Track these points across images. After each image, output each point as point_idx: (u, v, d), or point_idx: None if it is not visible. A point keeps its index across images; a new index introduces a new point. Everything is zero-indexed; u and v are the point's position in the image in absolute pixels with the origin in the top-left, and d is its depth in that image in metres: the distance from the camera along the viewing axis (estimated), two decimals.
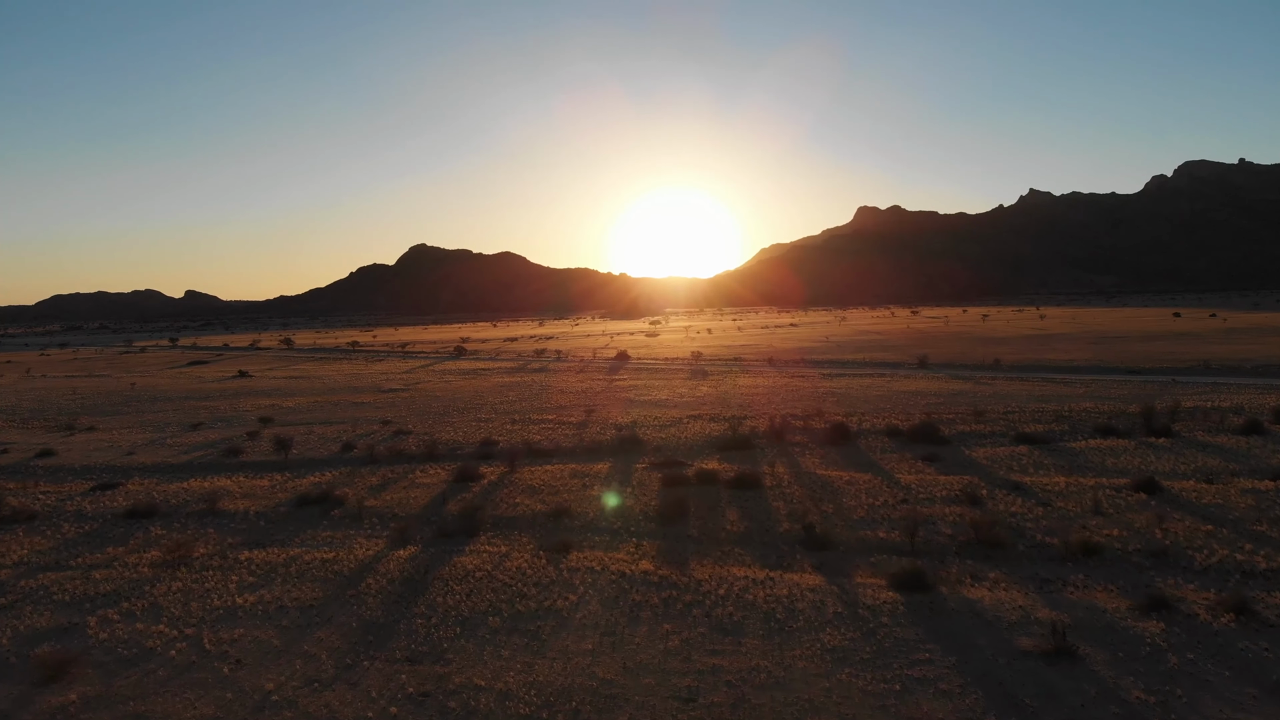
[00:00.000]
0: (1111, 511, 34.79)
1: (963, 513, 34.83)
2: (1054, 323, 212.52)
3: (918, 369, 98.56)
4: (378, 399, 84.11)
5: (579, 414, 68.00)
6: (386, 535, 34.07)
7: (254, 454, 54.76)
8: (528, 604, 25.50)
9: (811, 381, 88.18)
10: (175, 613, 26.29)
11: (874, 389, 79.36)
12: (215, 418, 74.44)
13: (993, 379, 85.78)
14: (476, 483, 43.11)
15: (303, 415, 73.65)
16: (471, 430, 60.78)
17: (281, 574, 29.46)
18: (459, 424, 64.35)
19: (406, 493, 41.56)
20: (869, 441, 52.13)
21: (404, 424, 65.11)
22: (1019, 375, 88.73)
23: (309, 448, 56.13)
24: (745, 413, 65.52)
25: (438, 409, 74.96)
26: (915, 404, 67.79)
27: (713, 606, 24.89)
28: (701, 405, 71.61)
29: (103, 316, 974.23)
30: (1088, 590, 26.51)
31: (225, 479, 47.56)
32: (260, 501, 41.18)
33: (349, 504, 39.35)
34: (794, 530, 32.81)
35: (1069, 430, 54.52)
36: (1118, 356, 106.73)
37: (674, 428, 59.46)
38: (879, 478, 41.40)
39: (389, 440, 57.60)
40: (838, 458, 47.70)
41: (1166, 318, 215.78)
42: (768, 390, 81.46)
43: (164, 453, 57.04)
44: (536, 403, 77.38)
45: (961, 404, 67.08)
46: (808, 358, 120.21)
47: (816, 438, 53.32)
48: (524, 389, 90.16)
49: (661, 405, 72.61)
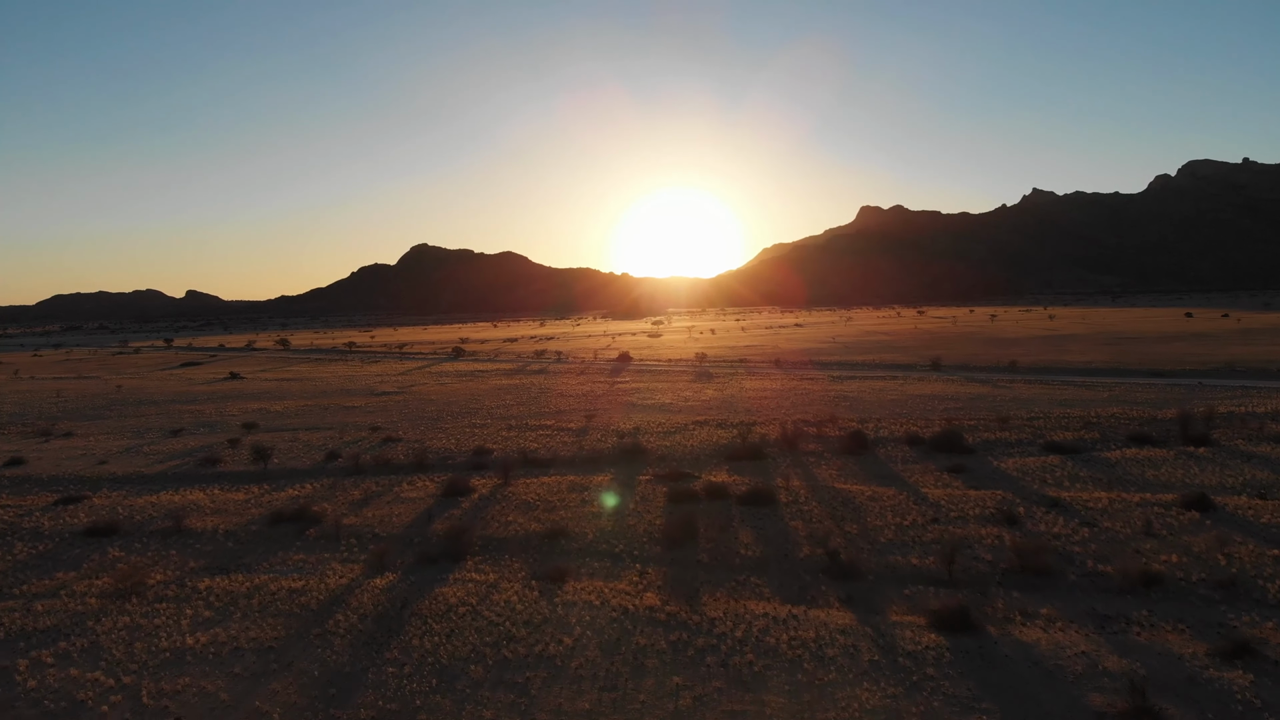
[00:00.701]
0: (1165, 533, 31.48)
1: (1001, 534, 31.54)
2: (1064, 323, 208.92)
3: (931, 371, 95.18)
4: (370, 403, 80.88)
5: (579, 419, 64.74)
6: (364, 559, 30.82)
7: (233, 463, 51.53)
8: (516, 649, 22.20)
9: (821, 384, 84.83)
10: (116, 655, 23.05)
11: (887, 392, 76.03)
12: (199, 423, 71.24)
13: (1010, 382, 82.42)
14: (466, 497, 39.85)
15: (290, 420, 70.44)
16: (464, 437, 57.52)
17: (242, 607, 26.20)
18: (452, 430, 61.09)
19: (390, 509, 38.29)
20: (888, 450, 48.82)
21: (394, 430, 61.86)
22: (1037, 378, 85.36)
23: (291, 456, 52.89)
24: (754, 418, 62.21)
25: (431, 414, 71.72)
26: (933, 409, 64.46)
27: (729, 653, 21.57)
28: (707, 410, 68.33)
29: (103, 317, 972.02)
30: (1155, 630, 23.21)
31: (199, 491, 44.34)
32: (231, 518, 37.93)
33: (326, 522, 36.10)
34: (816, 555, 29.50)
35: (1100, 439, 51.18)
36: (1137, 358, 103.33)
37: (679, 434, 56.19)
38: (904, 492, 38.08)
39: (377, 448, 54.34)
40: (856, 469, 44.40)
41: (1178, 318, 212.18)
42: (776, 394, 78.13)
43: (138, 461, 53.82)
44: (535, 407, 74.13)
45: (982, 409, 63.76)
46: (815, 359, 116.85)
47: (832, 446, 50.01)
48: (522, 392, 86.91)
49: (665, 410, 69.34)
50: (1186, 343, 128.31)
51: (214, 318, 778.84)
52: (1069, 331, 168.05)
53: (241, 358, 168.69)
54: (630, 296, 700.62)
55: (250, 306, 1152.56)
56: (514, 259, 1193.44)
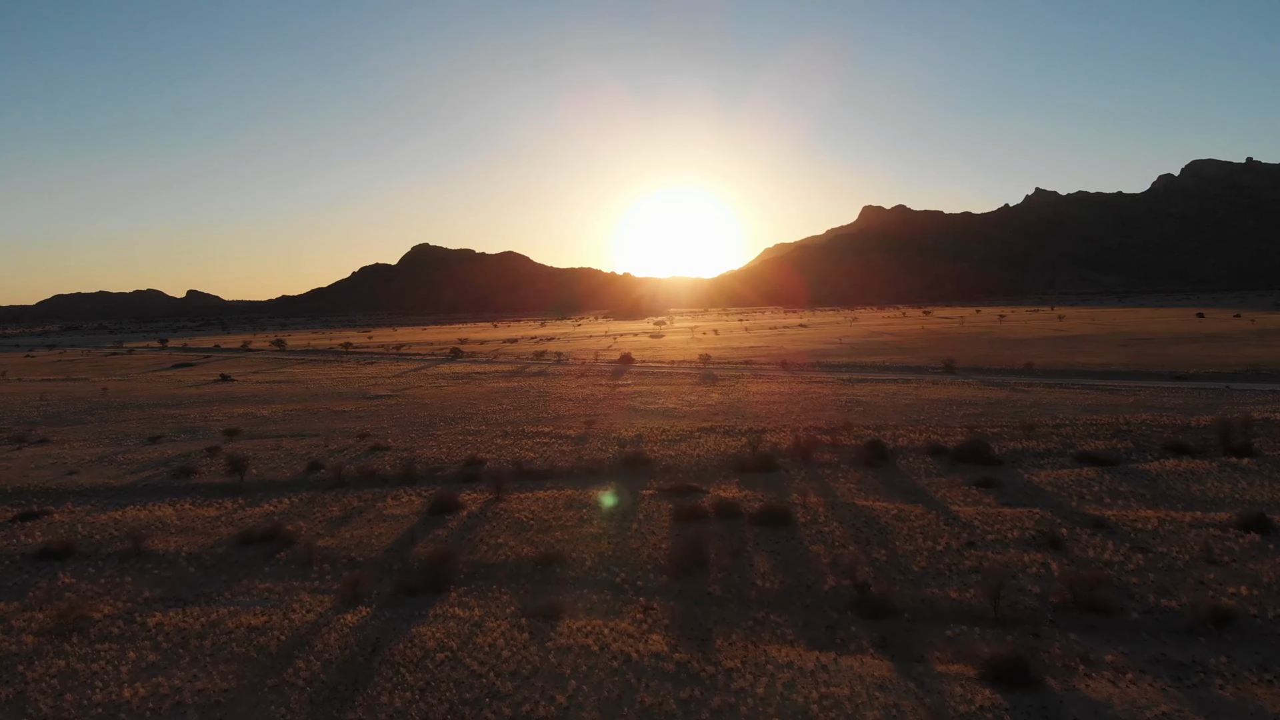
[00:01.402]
0: (1227, 560, 28.27)
1: (1046, 561, 28.34)
2: (1074, 323, 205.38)
3: (944, 374, 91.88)
4: (361, 407, 77.69)
5: (578, 426, 61.55)
6: (336, 589, 27.64)
7: (208, 474, 48.34)
8: (501, 709, 19.01)
9: (831, 388, 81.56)
10: (43, 710, 19.94)
11: (901, 397, 72.77)
12: (180, 428, 68.09)
13: (1029, 385, 79.13)
14: (454, 515, 36.66)
15: (276, 426, 67.28)
16: (457, 446, 54.32)
17: (193, 649, 23.05)
18: (444, 438, 57.91)
19: (370, 528, 35.11)
20: (910, 461, 45.60)
21: (383, 437, 58.69)
22: (1056, 381, 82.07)
23: (271, 467, 49.70)
24: (763, 425, 59.00)
25: (424, 419, 68.54)
26: (952, 415, 61.22)
27: (751, 715, 18.39)
28: (714, 415, 65.12)
29: (104, 317, 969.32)
30: (1239, 682, 20.02)
31: (168, 506, 41.20)
32: (198, 539, 34.77)
33: (299, 544, 32.92)
34: (842, 588, 26.31)
35: (1135, 448, 47.94)
36: (1155, 360, 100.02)
37: (684, 443, 52.99)
38: (932, 511, 34.86)
39: (363, 458, 51.14)
40: (877, 482, 41.20)
41: (1189, 319, 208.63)
42: (785, 398, 74.89)
43: (110, 472, 50.66)
44: (532, 412, 70.94)
45: (1003, 415, 60.53)
46: (823, 361, 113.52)
47: (848, 457, 46.79)
48: (520, 396, 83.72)
49: (669, 415, 66.15)
50: (1202, 344, 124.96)
51: (214, 318, 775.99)
52: (1079, 332, 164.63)
53: (235, 359, 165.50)
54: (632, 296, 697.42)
55: (251, 306, 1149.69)
56: (515, 259, 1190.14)
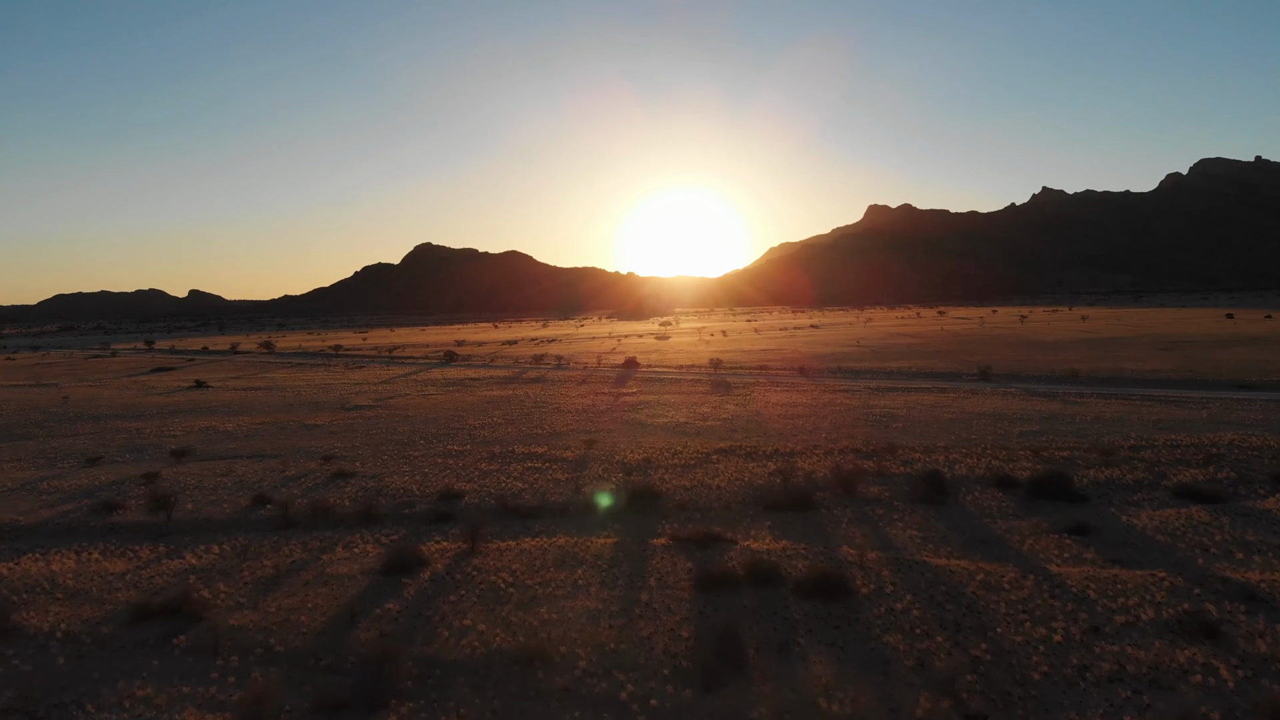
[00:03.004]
0: None
1: (1210, 663, 20.48)
2: (1100, 324, 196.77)
3: (981, 382, 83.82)
4: (336, 420, 69.91)
5: (577, 445, 53.75)
6: (237, 700, 19.88)
7: (136, 510, 40.58)
8: None
9: (859, 398, 73.58)
10: None
11: (942, 409, 64.81)
12: (129, 446, 60.42)
13: (1080, 396, 71.12)
14: (414, 576, 28.84)
15: (235, 444, 59.57)
16: (433, 472, 46.49)
17: None
18: (421, 460, 50.09)
19: (304, 596, 27.30)
20: (976, 497, 37.72)
21: (351, 460, 50.92)
22: (1109, 391, 74.05)
23: (212, 500, 41.94)
24: (790, 445, 51.10)
25: (403, 435, 60.79)
26: (1006, 433, 53.28)
27: None
28: (732, 432, 57.25)
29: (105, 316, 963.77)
30: None
31: (71, 556, 33.49)
32: (86, 609, 27.01)
33: (207, 621, 25.17)
34: (942, 713, 18.44)
35: (1238, 479, 40.09)
36: (1205, 366, 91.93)
37: (701, 469, 45.14)
38: (1028, 574, 26.94)
39: (320, 489, 43.37)
40: (943, 527, 33.33)
41: (1218, 319, 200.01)
42: (809, 410, 66.97)
43: (25, 505, 42.95)
44: (526, 426, 63.16)
45: (1065, 433, 52.59)
46: (843, 366, 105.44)
47: (900, 490, 38.91)
48: (514, 406, 75.93)
49: (681, 432, 58.31)
50: (1246, 347, 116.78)
51: (214, 318, 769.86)
52: (1110, 334, 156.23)
53: (218, 363, 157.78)
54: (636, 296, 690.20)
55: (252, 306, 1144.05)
56: (518, 258, 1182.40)
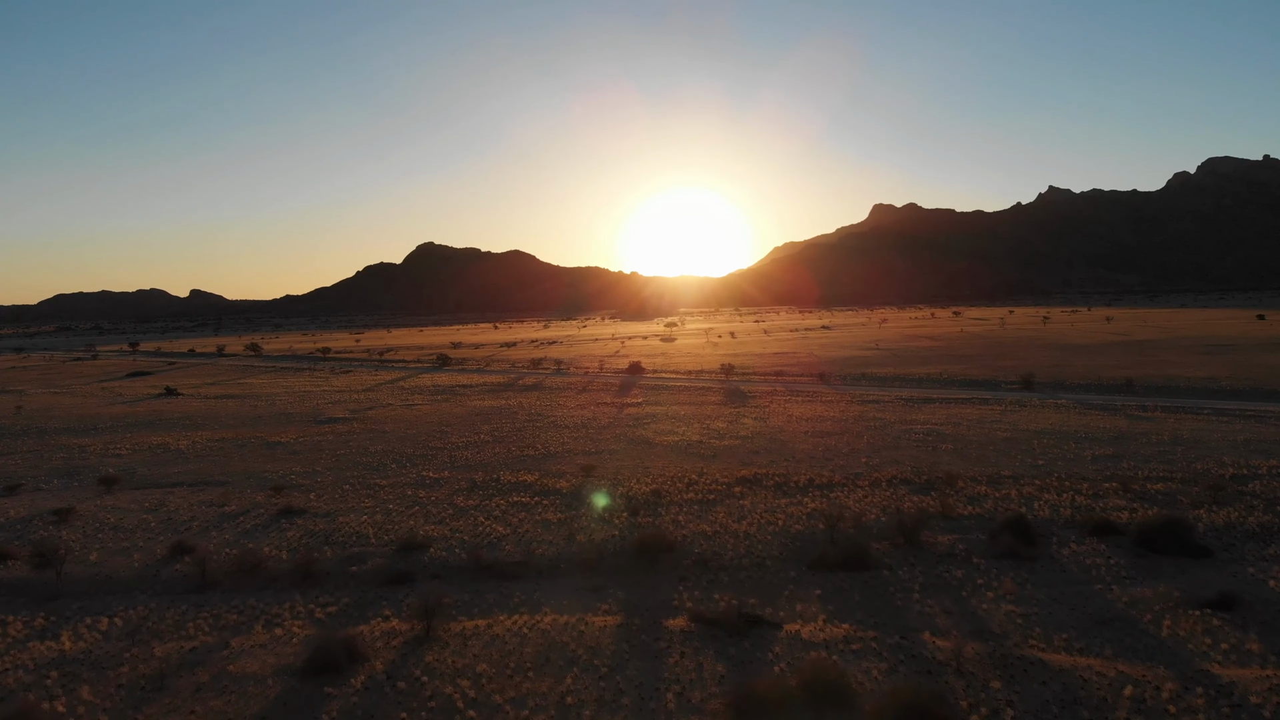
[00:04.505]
0: None
1: None
2: (1126, 326, 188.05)
3: (1025, 391, 75.60)
4: (304, 436, 61.94)
5: (572, 471, 45.79)
6: None
7: (26, 561, 32.61)
8: None
9: (893, 410, 65.49)
10: None
11: (992, 426, 56.71)
12: (61, 469, 52.48)
13: (1143, 409, 63.01)
14: (344, 681, 20.83)
15: (181, 467, 51.63)
16: (398, 510, 38.49)
17: None
18: (387, 493, 42.09)
19: (189, 714, 19.31)
20: (1075, 551, 29.65)
21: (305, 491, 42.94)
22: (1173, 403, 65.91)
23: (124, 547, 33.98)
24: (826, 471, 43.02)
25: (374, 456, 52.84)
26: (1078, 458, 45.15)
27: None
28: (753, 455, 49.22)
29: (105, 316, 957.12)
30: None
31: None
32: None
33: None
34: None
35: None
36: (1261, 373, 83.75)
37: (722, 507, 37.13)
38: (1185, 682, 18.82)
39: (258, 532, 35.42)
40: (1044, 597, 25.32)
41: (1249, 321, 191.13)
42: (839, 426, 58.90)
43: None
44: (516, 445, 55.21)
45: (1145, 457, 44.49)
46: (865, 372, 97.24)
47: (975, 540, 30.84)
48: (505, 420, 67.99)
49: (694, 453, 50.32)
50: None
51: (214, 318, 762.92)
52: (1141, 336, 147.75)
53: (199, 367, 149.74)
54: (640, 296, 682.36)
55: (253, 306, 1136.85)
56: (521, 258, 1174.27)
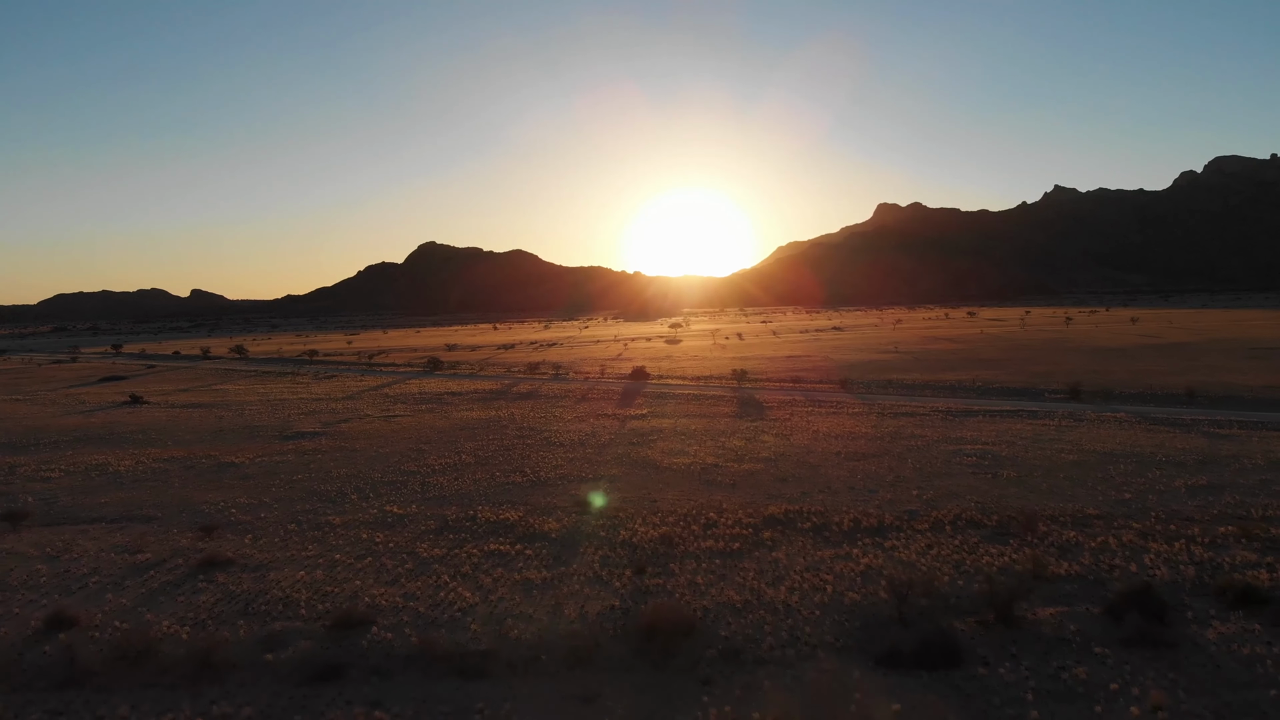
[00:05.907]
0: None
1: None
2: (1154, 327, 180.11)
3: (1073, 403, 67.95)
4: (262, 457, 54.54)
5: (565, 506, 38.39)
6: None
7: None
8: None
9: (933, 426, 57.95)
10: None
11: (1050, 446, 49.15)
12: None
13: (1215, 425, 55.48)
14: None
15: (110, 496, 44.23)
16: (345, 562, 31.04)
17: None
18: (338, 536, 34.65)
19: None
20: (1219, 634, 22.22)
21: (242, 533, 35.52)
22: (1246, 417, 58.35)
23: None
24: (871, 508, 35.52)
25: (333, 484, 45.42)
26: (1169, 490, 37.61)
27: None
28: (781, 483, 41.75)
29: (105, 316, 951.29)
30: None
31: None
32: None
33: None
34: None
35: None
36: None
37: (751, 560, 29.72)
38: None
39: (161, 595, 28.00)
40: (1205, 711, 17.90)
41: (1276, 320, 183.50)
42: (875, 445, 51.38)
43: None
44: (501, 469, 47.81)
45: (1249, 489, 36.96)
46: (890, 378, 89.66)
47: (1085, 614, 23.41)
48: (493, 434, 60.62)
49: (711, 481, 42.90)
50: None
51: (214, 318, 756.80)
52: (1173, 338, 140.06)
53: (178, 371, 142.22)
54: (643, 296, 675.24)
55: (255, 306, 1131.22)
56: (524, 257, 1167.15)
